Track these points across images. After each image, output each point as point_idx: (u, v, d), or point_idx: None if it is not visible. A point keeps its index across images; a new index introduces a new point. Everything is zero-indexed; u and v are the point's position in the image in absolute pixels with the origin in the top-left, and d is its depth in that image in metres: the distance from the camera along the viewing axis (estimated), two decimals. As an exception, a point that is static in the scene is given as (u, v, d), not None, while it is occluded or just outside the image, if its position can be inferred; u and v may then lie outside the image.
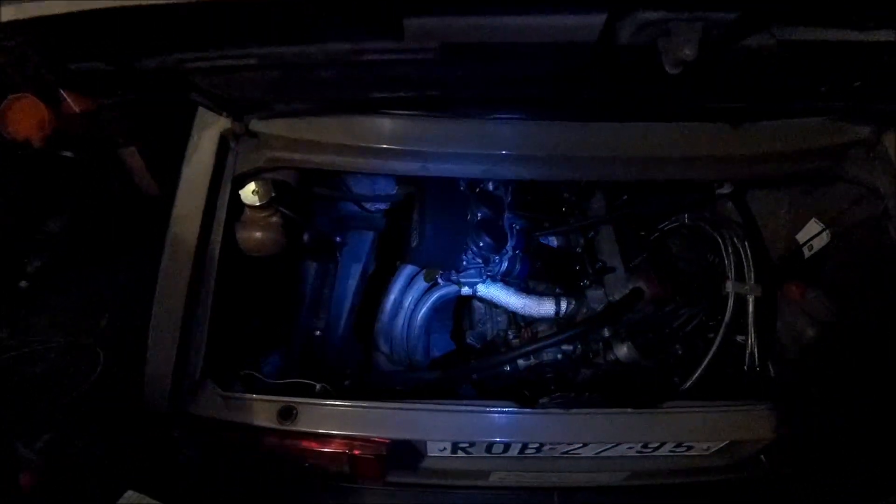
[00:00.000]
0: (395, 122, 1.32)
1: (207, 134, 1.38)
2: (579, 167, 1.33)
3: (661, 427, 1.10)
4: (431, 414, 1.10)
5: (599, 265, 1.57)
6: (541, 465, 1.33)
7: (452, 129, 1.33)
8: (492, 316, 1.79)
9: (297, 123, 1.33)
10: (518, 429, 1.11)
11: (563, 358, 1.55)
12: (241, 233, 1.33)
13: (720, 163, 1.37)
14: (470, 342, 1.82)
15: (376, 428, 1.09)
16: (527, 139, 1.33)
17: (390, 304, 1.67)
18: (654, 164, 1.37)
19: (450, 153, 1.32)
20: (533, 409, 1.12)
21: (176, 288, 1.18)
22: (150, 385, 1.11)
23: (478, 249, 1.39)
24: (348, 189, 1.80)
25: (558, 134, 1.31)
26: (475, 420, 1.10)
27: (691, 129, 1.34)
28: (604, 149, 1.28)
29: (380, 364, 1.85)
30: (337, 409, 1.10)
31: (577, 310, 1.56)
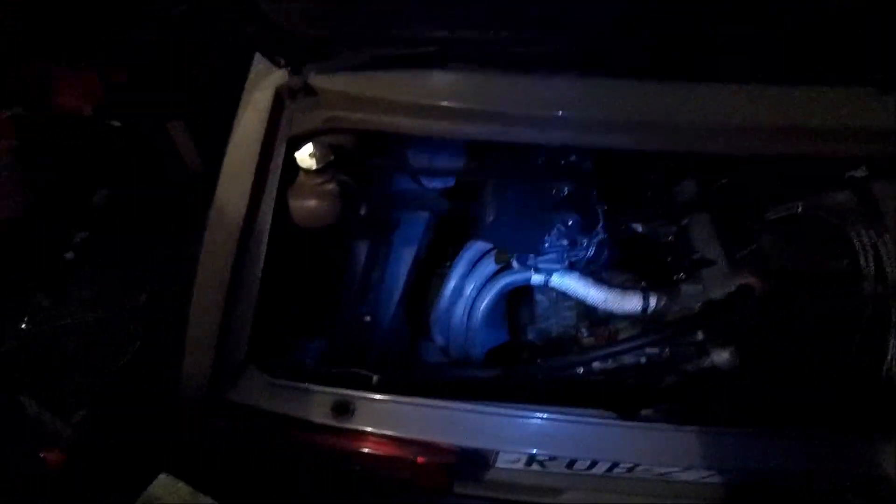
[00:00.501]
0: (472, 79, 1.15)
1: (262, 89, 1.24)
2: (688, 136, 1.11)
3: (801, 453, 0.88)
4: (512, 420, 0.92)
5: (696, 256, 1.35)
6: (627, 487, 1.13)
7: (538, 89, 1.14)
8: (557, 310, 1.59)
9: (360, 78, 1.17)
10: (615, 445, 0.91)
11: (646, 362, 1.35)
12: (294, 200, 1.17)
13: (861, 138, 1.14)
14: (531, 338, 1.63)
15: (446, 432, 0.91)
16: (626, 102, 1.13)
17: (449, 290, 1.50)
18: (767, 135, 1.15)
19: (534, 116, 1.13)
20: (634, 421, 0.91)
21: (221, 260, 1.03)
22: (189, 367, 0.97)
23: (565, 229, 1.19)
24: (406, 160, 1.64)
25: (664, 96, 1.10)
26: (564, 430, 0.92)
27: (832, 95, 1.11)
28: (726, 115, 1.06)
29: (430, 355, 1.68)
30: (400, 406, 0.93)
31: (668, 307, 1.35)
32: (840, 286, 1.23)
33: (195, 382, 0.97)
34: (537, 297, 1.61)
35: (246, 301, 1.03)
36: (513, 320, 1.73)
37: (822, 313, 1.25)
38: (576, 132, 1.16)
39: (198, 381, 0.96)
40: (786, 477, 0.93)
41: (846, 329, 1.20)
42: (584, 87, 1.13)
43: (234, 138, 1.20)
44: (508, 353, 1.64)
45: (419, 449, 0.91)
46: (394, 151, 1.59)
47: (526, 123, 1.15)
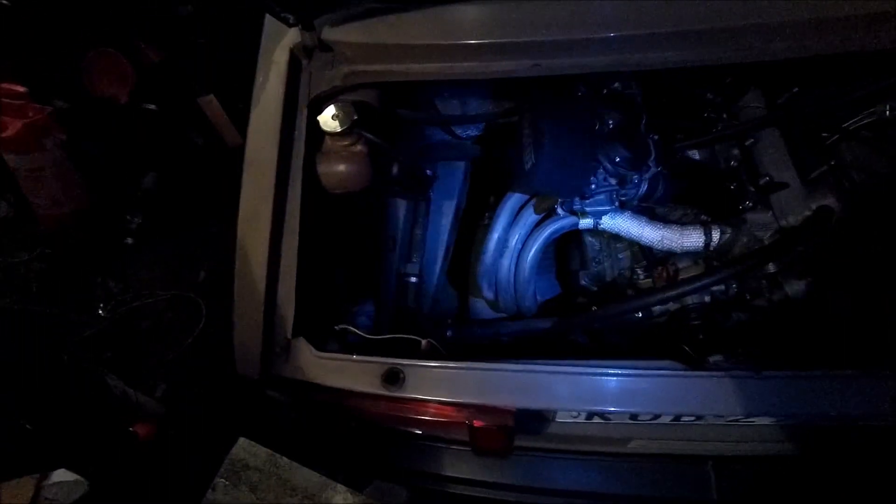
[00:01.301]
0: (493, 8, 1.03)
1: (276, 52, 1.18)
2: (751, 41, 0.96)
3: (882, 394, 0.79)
4: (567, 378, 0.87)
5: (765, 180, 1.20)
6: (695, 433, 1.08)
7: (568, 8, 1.01)
8: (610, 252, 1.49)
9: (376, 25, 1.09)
10: (684, 397, 0.85)
11: (711, 300, 1.24)
12: (322, 166, 1.13)
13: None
14: (584, 284, 1.55)
15: (501, 395, 0.88)
16: (672, 8, 0.98)
17: (494, 242, 1.43)
18: (856, 28, 0.97)
19: (569, 41, 1.01)
20: (714, 371, 0.84)
21: (256, 238, 1.02)
22: (240, 348, 0.98)
23: (613, 167, 1.08)
24: (437, 111, 1.54)
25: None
26: (626, 385, 0.86)
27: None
28: (784, 9, 0.90)
29: (479, 311, 1.65)
30: (451, 371, 0.90)
31: (735, 240, 1.22)
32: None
33: (247, 359, 0.98)
34: (587, 239, 1.51)
35: (287, 275, 1.02)
36: (563, 266, 1.66)
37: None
38: (619, 54, 1.03)
39: (250, 358, 0.97)
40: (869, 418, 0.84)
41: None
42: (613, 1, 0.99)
43: (254, 108, 1.15)
44: (561, 301, 1.58)
45: (475, 412, 0.88)
46: (421, 101, 1.51)
47: (563, 50, 1.03)
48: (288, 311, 0.99)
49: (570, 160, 1.07)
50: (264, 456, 2.13)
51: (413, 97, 1.45)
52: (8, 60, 2.22)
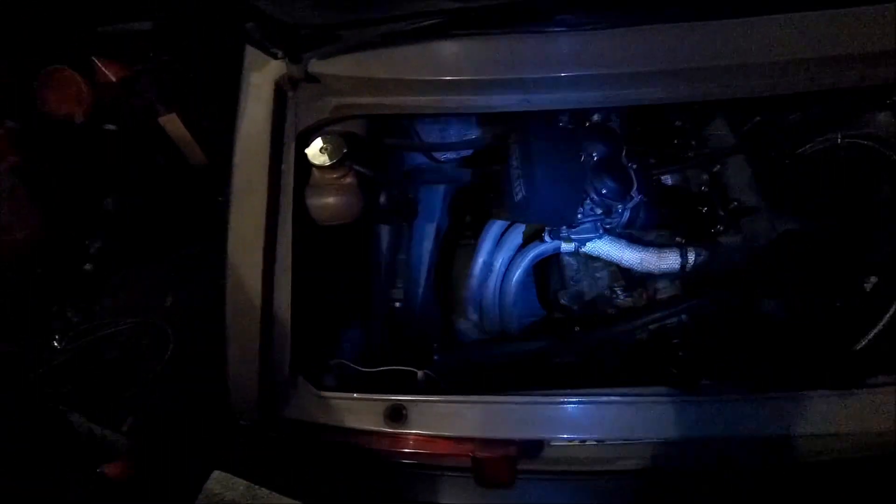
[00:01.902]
0: (486, 46, 1.06)
1: (260, 84, 1.16)
2: (723, 80, 1.03)
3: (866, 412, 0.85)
4: (566, 408, 0.90)
5: (734, 205, 1.28)
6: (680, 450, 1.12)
7: (558, 48, 1.05)
8: (588, 272, 1.54)
9: (366, 59, 1.09)
10: (683, 421, 0.89)
11: (689, 320, 1.31)
12: (311, 199, 1.12)
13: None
14: (564, 303, 1.59)
15: (501, 427, 0.90)
16: (655, 50, 1.04)
17: (479, 266, 1.46)
18: (819, 68, 1.06)
19: (558, 78, 1.04)
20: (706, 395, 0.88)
21: (248, 275, 1.00)
22: (236, 391, 0.96)
23: (599, 197, 1.13)
24: (418, 138, 1.56)
25: (692, 39, 1.02)
26: (623, 413, 0.89)
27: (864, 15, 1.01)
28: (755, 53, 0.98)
29: (463, 333, 1.66)
30: (452, 405, 0.91)
31: (708, 261, 1.29)
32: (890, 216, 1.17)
33: (244, 400, 0.95)
34: (565, 259, 1.56)
35: (282, 313, 1.00)
36: (544, 287, 1.70)
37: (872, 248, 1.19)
38: (605, 90, 1.07)
39: (247, 399, 0.95)
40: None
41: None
42: (601, 40, 1.04)
43: (238, 140, 1.13)
44: (544, 322, 1.62)
45: (478, 445, 0.90)
46: (405, 128, 1.52)
47: (551, 87, 1.07)
48: (285, 348, 0.97)
49: (560, 191, 1.10)
50: (242, 488, 2.07)
51: (394, 124, 1.46)
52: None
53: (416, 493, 1.15)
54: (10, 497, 1.36)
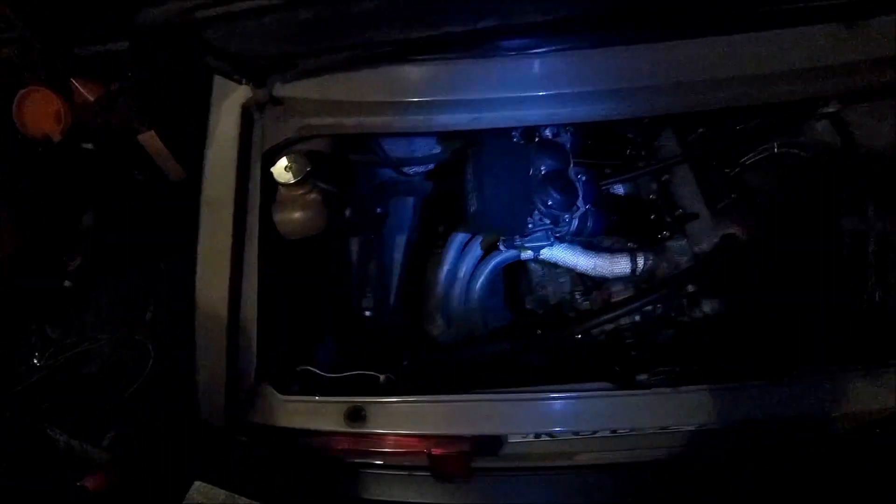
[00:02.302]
0: (437, 70, 1.14)
1: (227, 107, 1.22)
2: (660, 97, 1.12)
3: (791, 400, 0.93)
4: (515, 405, 0.97)
5: (679, 212, 1.37)
6: (634, 443, 1.20)
7: (505, 70, 1.14)
8: (552, 278, 1.62)
9: (327, 82, 1.16)
10: (617, 413, 0.96)
11: (641, 320, 1.39)
12: (278, 215, 1.19)
13: (832, 75, 1.14)
14: (530, 307, 1.67)
15: (456, 424, 0.96)
16: (596, 71, 1.13)
17: (444, 275, 1.53)
18: (741, 86, 1.15)
19: (505, 98, 1.13)
20: (638, 389, 0.96)
21: (216, 288, 1.06)
22: (204, 397, 1.01)
23: (546, 209, 1.21)
24: (384, 153, 1.63)
25: (631, 60, 1.10)
26: (566, 408, 0.96)
27: (792, 36, 1.11)
28: (688, 72, 1.07)
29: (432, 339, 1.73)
30: (411, 405, 0.98)
31: (657, 265, 1.38)
32: (820, 220, 1.26)
33: (212, 406, 1.01)
34: (531, 266, 1.63)
35: (248, 322, 1.06)
36: (513, 292, 1.77)
37: (805, 249, 1.28)
38: (551, 108, 1.16)
39: (215, 405, 1.01)
40: (784, 423, 0.98)
41: (830, 263, 1.23)
42: (545, 63, 1.12)
43: (207, 161, 1.20)
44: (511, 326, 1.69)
45: (434, 442, 0.96)
46: (371, 145, 1.59)
47: (500, 106, 1.15)
48: (250, 356, 1.03)
49: (509, 204, 1.18)
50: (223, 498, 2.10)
51: (362, 142, 1.53)
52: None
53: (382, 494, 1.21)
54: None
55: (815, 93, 1.17)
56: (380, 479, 1.22)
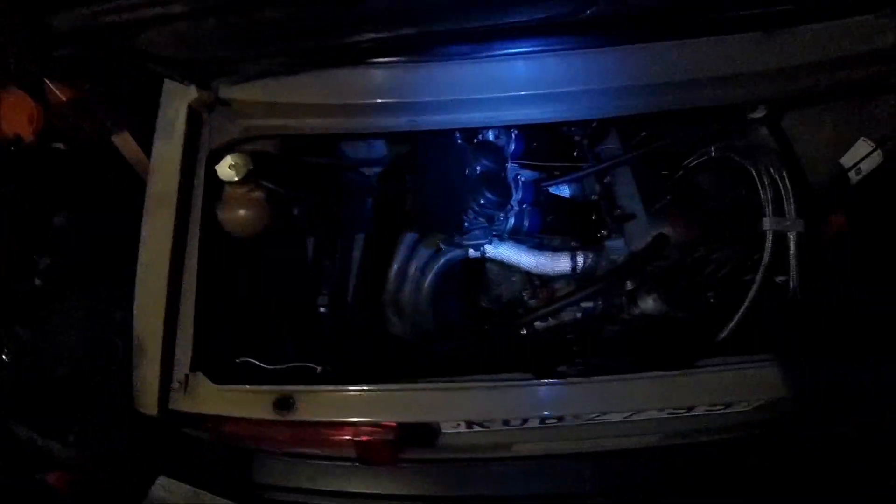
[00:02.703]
0: (376, 73, 1.18)
1: (175, 107, 1.27)
2: (585, 103, 1.17)
3: (691, 389, 0.98)
4: (442, 394, 1.01)
5: (618, 212, 1.42)
6: (564, 433, 1.24)
7: (441, 74, 1.18)
8: (506, 277, 1.67)
9: (270, 85, 1.20)
10: (536, 402, 1.01)
11: (583, 317, 1.43)
12: (222, 212, 1.23)
13: (751, 81, 1.20)
14: (485, 306, 1.71)
15: (382, 412, 1.00)
16: (527, 77, 1.18)
17: (394, 273, 1.57)
18: (669, 91, 1.20)
19: (441, 101, 1.17)
20: (551, 379, 1.01)
21: (155, 281, 1.10)
22: (139, 386, 1.05)
23: (479, 208, 1.26)
24: (343, 154, 1.67)
25: (559, 67, 1.16)
26: (488, 396, 1.01)
27: (713, 45, 1.16)
28: (608, 79, 1.12)
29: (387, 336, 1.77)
30: (338, 394, 1.02)
31: (596, 264, 1.43)
32: (746, 222, 1.31)
33: (146, 395, 1.04)
34: (487, 265, 1.68)
35: (186, 315, 1.10)
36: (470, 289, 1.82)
37: (732, 250, 1.33)
38: (487, 111, 1.21)
39: (148, 394, 1.04)
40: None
41: (755, 263, 1.28)
42: (483, 68, 1.17)
43: (153, 158, 1.24)
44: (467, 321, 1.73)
45: (361, 430, 1.00)
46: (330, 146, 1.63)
47: (436, 109, 1.20)
48: (186, 347, 1.07)
49: (445, 203, 1.23)
50: (186, 493, 2.12)
51: (320, 143, 1.57)
52: None
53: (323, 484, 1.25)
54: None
55: (739, 98, 1.22)
56: (319, 469, 1.25)
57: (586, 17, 0.91)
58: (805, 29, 1.15)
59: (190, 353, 1.06)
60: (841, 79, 1.20)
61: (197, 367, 1.06)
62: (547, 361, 1.03)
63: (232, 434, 1.04)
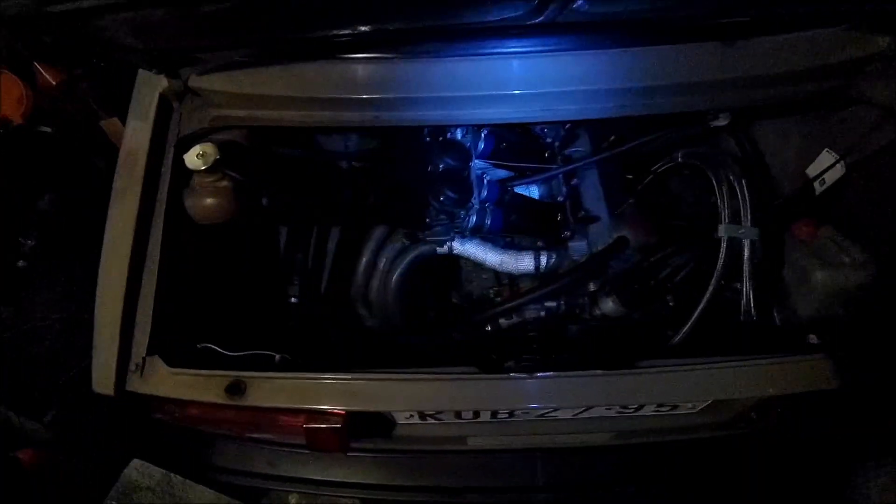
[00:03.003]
0: (341, 69, 1.20)
1: (147, 95, 1.29)
2: (546, 104, 1.19)
3: (631, 389, 1.01)
4: (388, 384, 1.03)
5: (582, 214, 1.44)
6: (518, 429, 1.27)
7: (405, 72, 1.20)
8: (478, 274, 1.70)
9: (238, 76, 1.22)
10: (481, 395, 1.03)
11: (546, 315, 1.46)
12: (188, 200, 1.24)
13: (711, 90, 1.22)
14: (456, 301, 1.74)
15: (330, 400, 1.03)
16: (489, 77, 1.20)
17: (363, 266, 1.60)
18: (633, 97, 1.22)
19: (404, 98, 1.19)
20: (497, 374, 1.03)
21: (117, 264, 1.12)
22: (97, 367, 1.07)
23: (440, 205, 1.28)
24: (318, 146, 1.69)
25: (521, 69, 1.17)
26: (435, 388, 1.03)
27: (674, 53, 1.18)
28: (567, 82, 1.14)
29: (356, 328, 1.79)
30: (289, 381, 1.04)
31: (559, 263, 1.45)
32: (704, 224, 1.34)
33: (103, 377, 1.07)
34: (461, 262, 1.71)
35: (146, 299, 1.12)
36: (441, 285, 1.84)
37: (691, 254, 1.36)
38: (448, 110, 1.23)
39: (106, 376, 1.07)
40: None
41: (710, 270, 1.31)
42: (445, 66, 1.19)
43: (124, 143, 1.26)
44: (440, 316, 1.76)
45: (309, 416, 1.03)
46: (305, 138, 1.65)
47: (400, 106, 1.22)
48: (145, 331, 1.10)
49: (406, 198, 1.25)
50: (158, 476, 2.16)
51: (295, 135, 1.59)
52: None
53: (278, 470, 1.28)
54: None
55: (698, 107, 1.24)
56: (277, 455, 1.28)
57: (538, 24, 0.92)
58: (764, 41, 1.17)
59: (147, 336, 1.08)
60: (799, 91, 1.22)
61: (154, 350, 1.08)
62: (495, 357, 1.06)
63: (187, 417, 1.06)
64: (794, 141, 1.63)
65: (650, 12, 1.04)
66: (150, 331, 1.09)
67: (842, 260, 1.38)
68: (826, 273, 1.37)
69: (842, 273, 1.37)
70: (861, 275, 1.36)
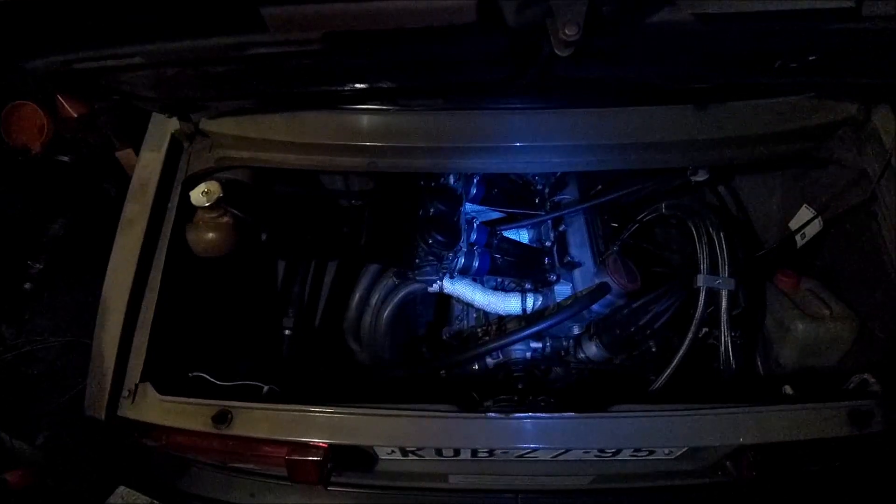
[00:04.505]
0: (339, 118, 1.29)
1: (160, 134, 1.38)
2: (531, 157, 1.27)
3: (604, 432, 1.04)
4: (370, 418, 1.07)
5: (568, 259, 1.50)
6: (499, 468, 1.28)
7: (400, 123, 1.28)
8: (468, 313, 1.74)
9: (244, 121, 1.32)
10: (459, 433, 1.06)
11: (531, 356, 1.49)
12: (190, 234, 1.32)
13: (686, 148, 1.29)
14: (446, 339, 1.78)
15: (313, 432, 1.06)
16: (479, 130, 1.28)
17: (356, 301, 1.65)
18: (613, 153, 1.30)
19: (398, 147, 1.27)
20: (475, 413, 1.07)
21: (118, 292, 1.18)
22: (91, 390, 1.12)
23: (428, 247, 1.34)
24: (321, 185, 1.78)
25: (508, 123, 1.25)
26: (415, 425, 1.06)
27: (651, 113, 1.26)
28: (553, 137, 1.22)
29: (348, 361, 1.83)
30: (274, 412, 1.08)
31: (544, 306, 1.50)
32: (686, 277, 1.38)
33: (96, 401, 1.11)
34: (452, 300, 1.75)
35: (143, 327, 1.18)
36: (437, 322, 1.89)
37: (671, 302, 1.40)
38: (440, 159, 1.31)
39: (98, 400, 1.11)
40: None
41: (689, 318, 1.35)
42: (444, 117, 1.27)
43: (134, 178, 1.34)
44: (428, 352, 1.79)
45: (290, 448, 1.06)
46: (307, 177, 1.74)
47: (394, 154, 1.30)
48: (139, 359, 1.14)
49: (396, 240, 1.32)
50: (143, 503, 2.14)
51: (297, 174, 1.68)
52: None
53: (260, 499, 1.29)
54: None
55: (676, 163, 1.31)
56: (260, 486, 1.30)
57: (521, 84, 1.00)
58: (736, 105, 1.25)
59: (142, 364, 1.13)
60: (772, 152, 1.29)
61: (147, 377, 1.13)
62: (476, 396, 1.09)
63: (174, 445, 1.09)
64: (776, 195, 1.70)
65: (628, 77, 1.12)
66: (145, 358, 1.14)
67: (822, 312, 1.42)
68: (806, 325, 1.41)
69: (822, 325, 1.41)
70: (840, 327, 1.41)
